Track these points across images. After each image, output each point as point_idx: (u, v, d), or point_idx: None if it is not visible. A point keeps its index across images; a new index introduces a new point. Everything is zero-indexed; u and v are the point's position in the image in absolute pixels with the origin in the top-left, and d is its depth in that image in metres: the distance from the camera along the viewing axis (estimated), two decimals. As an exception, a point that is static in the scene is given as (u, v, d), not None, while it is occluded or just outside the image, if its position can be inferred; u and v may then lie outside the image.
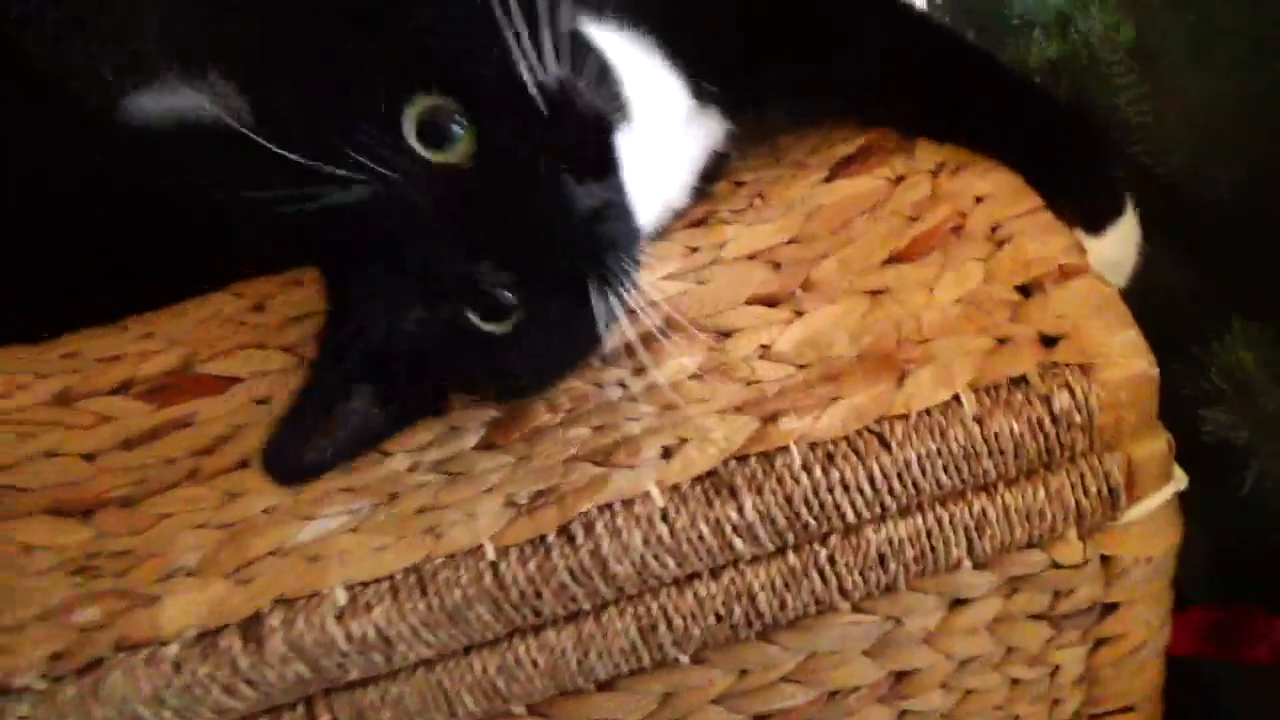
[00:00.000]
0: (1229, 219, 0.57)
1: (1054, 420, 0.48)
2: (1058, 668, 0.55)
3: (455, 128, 0.43)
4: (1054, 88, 0.74)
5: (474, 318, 0.46)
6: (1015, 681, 0.56)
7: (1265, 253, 0.55)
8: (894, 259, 0.55)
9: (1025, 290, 0.51)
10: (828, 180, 0.60)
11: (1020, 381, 0.48)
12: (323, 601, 0.47)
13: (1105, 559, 0.52)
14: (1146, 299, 0.59)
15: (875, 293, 0.53)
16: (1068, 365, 0.48)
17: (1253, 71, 0.51)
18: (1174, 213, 0.60)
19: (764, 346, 0.52)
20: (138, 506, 0.52)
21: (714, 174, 0.60)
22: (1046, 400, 0.47)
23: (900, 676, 0.54)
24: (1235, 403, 0.50)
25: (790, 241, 0.57)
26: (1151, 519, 0.51)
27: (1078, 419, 0.48)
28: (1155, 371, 0.48)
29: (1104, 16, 0.54)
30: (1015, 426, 0.47)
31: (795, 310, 0.53)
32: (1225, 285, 0.57)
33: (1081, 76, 0.60)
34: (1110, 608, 0.54)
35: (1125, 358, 0.48)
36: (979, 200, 0.56)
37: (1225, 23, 0.49)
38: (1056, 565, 0.52)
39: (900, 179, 0.58)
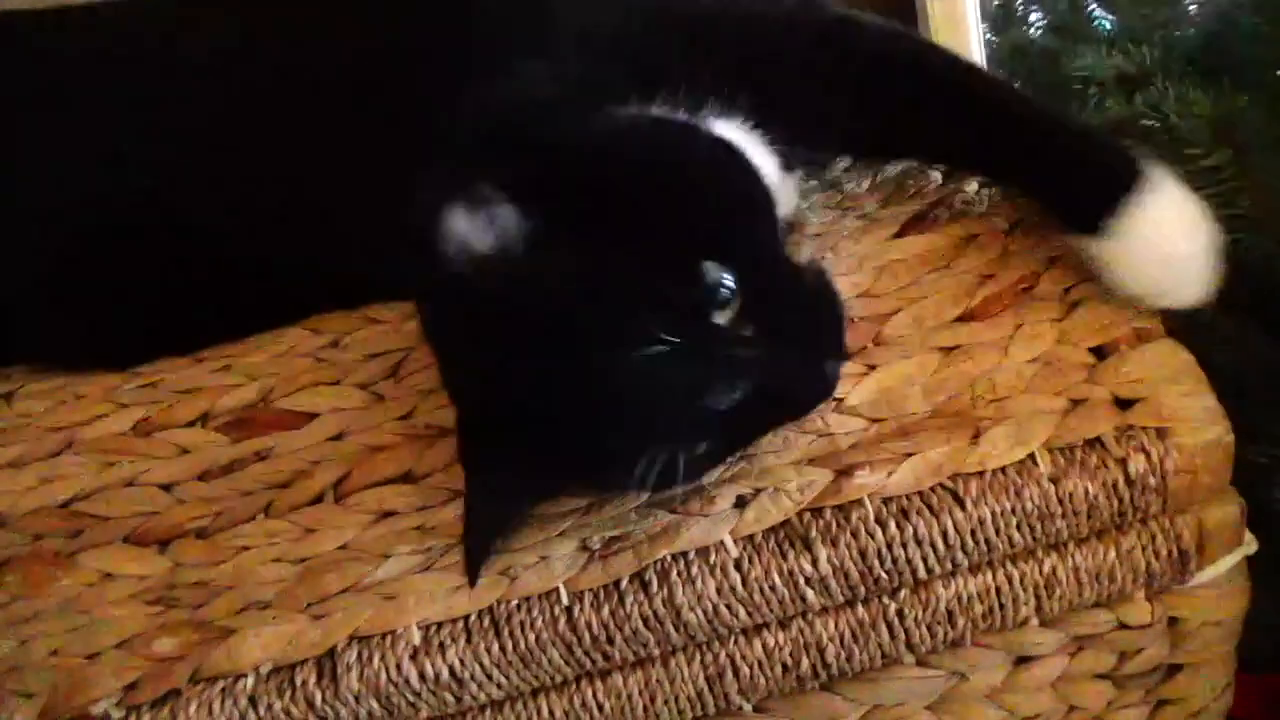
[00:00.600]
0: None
1: (1129, 483, 0.48)
2: (1120, 729, 0.55)
3: (726, 292, 0.45)
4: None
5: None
6: (1077, 742, 0.56)
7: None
8: (966, 317, 0.55)
9: (1099, 352, 0.52)
10: (899, 235, 0.60)
11: (1096, 443, 0.48)
12: (398, 640, 0.47)
13: (1172, 621, 0.52)
14: (1228, 373, 0.60)
15: (948, 349, 0.54)
16: (1144, 428, 0.48)
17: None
18: (1260, 292, 0.60)
19: (837, 400, 0.52)
20: (214, 538, 0.53)
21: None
22: (1122, 463, 0.48)
23: (964, 732, 0.54)
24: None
25: (862, 295, 0.57)
26: (1220, 582, 0.51)
27: (1152, 482, 0.48)
28: (1230, 438, 0.48)
29: (1176, 86, 0.55)
30: (1090, 488, 0.48)
31: (868, 364, 0.54)
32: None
33: (1153, 143, 0.61)
34: (1175, 669, 0.54)
35: (1201, 423, 0.48)
36: (1052, 261, 0.56)
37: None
38: (1123, 626, 0.52)
39: (973, 237, 0.59)
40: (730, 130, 0.54)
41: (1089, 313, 0.53)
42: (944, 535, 0.48)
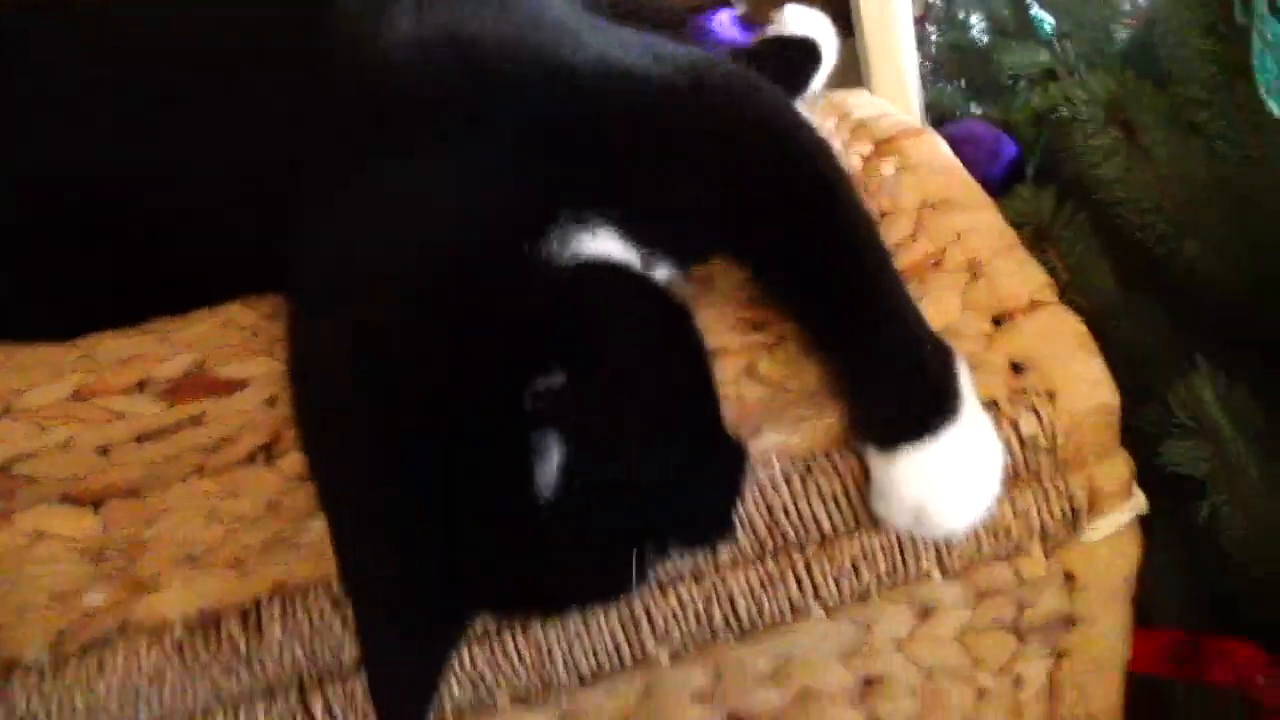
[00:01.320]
0: (1199, 277, 0.61)
1: (1021, 442, 0.51)
2: (1022, 679, 0.58)
3: None
4: (1035, 139, 0.78)
5: None
6: (982, 692, 0.58)
7: (1229, 309, 0.58)
8: (877, 286, 0.58)
9: (999, 321, 0.55)
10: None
11: (991, 405, 0.51)
12: (320, 591, 0.49)
13: (1068, 575, 0.55)
14: (1120, 344, 0.63)
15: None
16: (1035, 392, 0.51)
17: (1225, 148, 0.55)
18: (1149, 269, 0.63)
19: (749, 368, 0.55)
20: (146, 499, 0.54)
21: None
22: (1014, 423, 0.50)
23: (871, 681, 0.57)
24: (1194, 437, 0.53)
25: (777, 268, 0.60)
26: (1112, 538, 0.54)
27: (1043, 442, 0.51)
28: (1116, 401, 0.51)
29: (1084, 80, 0.58)
30: (991, 444, 0.50)
31: (779, 334, 0.56)
32: (1193, 335, 0.60)
33: (1061, 132, 0.64)
34: (1073, 621, 0.56)
35: (1090, 387, 0.51)
36: (958, 236, 0.59)
37: (1198, 97, 0.53)
38: (1021, 579, 0.54)
39: (885, 214, 0.62)
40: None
41: (990, 284, 0.56)
42: (846, 492, 0.50)
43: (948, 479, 0.48)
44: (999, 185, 0.76)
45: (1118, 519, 0.53)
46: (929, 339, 0.50)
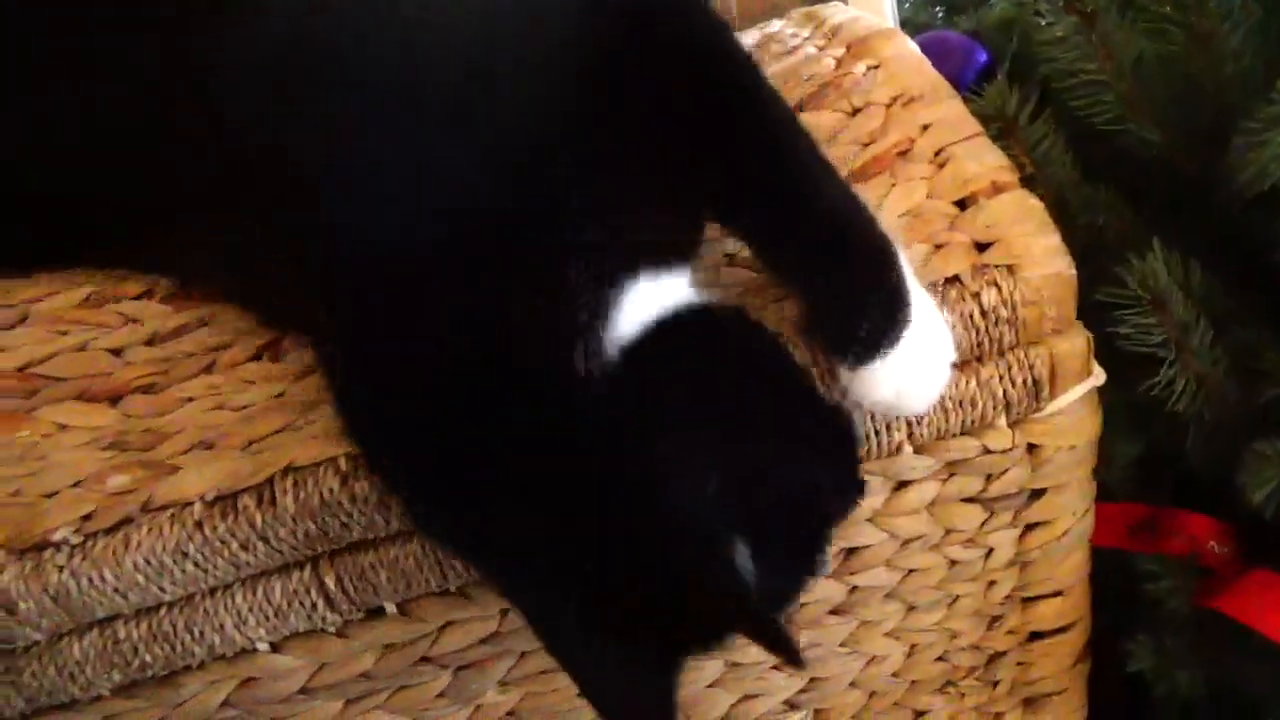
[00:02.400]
0: (1153, 159, 0.63)
1: (983, 314, 0.53)
2: (991, 550, 0.61)
3: None
4: (1005, 45, 0.80)
5: None
6: (953, 563, 0.62)
7: (1181, 188, 0.61)
8: (851, 178, 0.60)
9: (962, 204, 0.57)
10: (798, 112, 0.65)
11: (955, 280, 0.54)
12: (329, 466, 0.52)
13: (1032, 447, 0.58)
14: (1081, 230, 0.65)
15: (831, 208, 0.59)
16: (996, 266, 0.54)
17: (1172, 33, 0.57)
18: (1109, 157, 0.66)
19: (728, 256, 0.58)
20: (161, 393, 0.57)
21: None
22: (976, 296, 0.53)
23: (850, 553, 0.60)
24: (1149, 313, 0.56)
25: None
26: (1073, 410, 0.57)
27: (1004, 313, 0.53)
28: (1072, 272, 0.53)
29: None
30: (949, 320, 0.53)
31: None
32: (1150, 217, 0.63)
33: (1027, 33, 0.66)
34: (1037, 494, 0.60)
35: (1046, 259, 0.54)
36: (925, 128, 0.62)
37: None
38: (988, 451, 0.58)
39: (857, 110, 0.64)
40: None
41: (955, 170, 0.59)
42: (816, 364, 0.53)
43: (911, 374, 0.51)
44: (971, 91, 0.78)
45: (1077, 391, 0.56)
46: (875, 244, 0.50)
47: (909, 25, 0.98)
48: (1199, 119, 0.56)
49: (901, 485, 0.59)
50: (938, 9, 1.02)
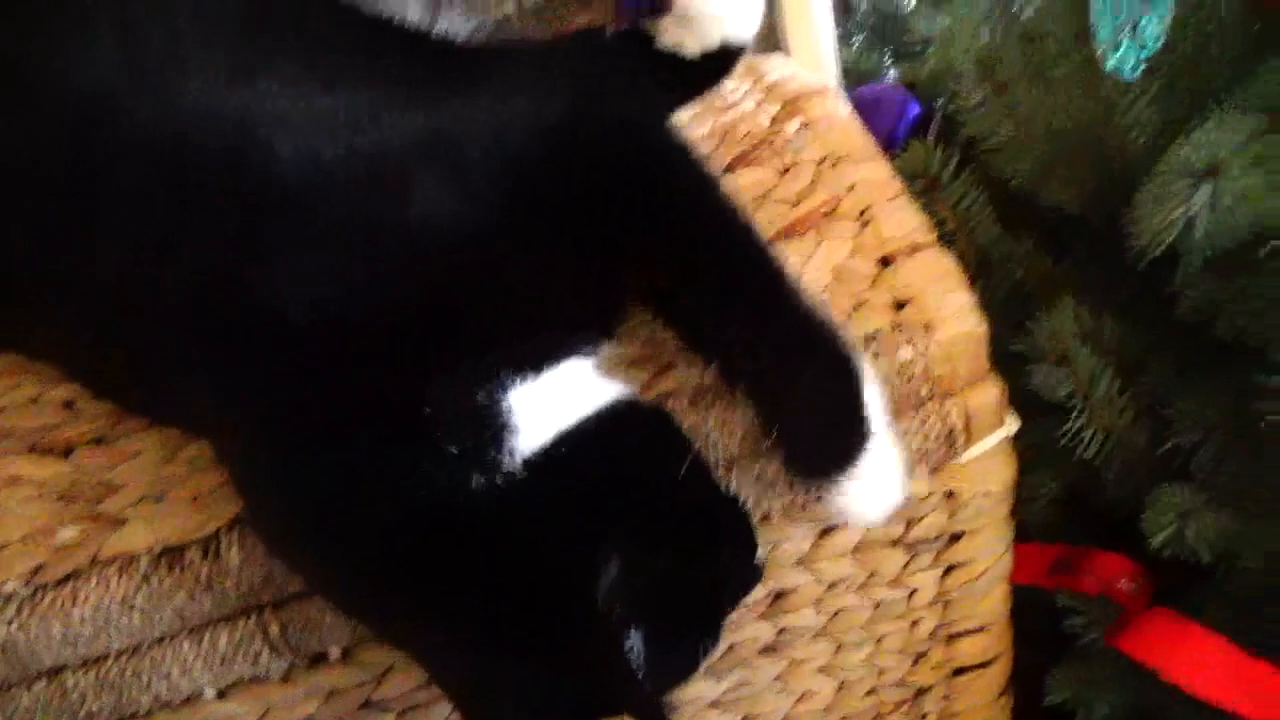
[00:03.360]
0: (1066, 217, 0.67)
1: (899, 371, 0.56)
2: (914, 591, 0.64)
3: None
4: (937, 98, 0.83)
5: None
6: (878, 603, 0.64)
7: (1094, 244, 0.64)
8: (780, 236, 0.63)
9: (884, 262, 0.60)
10: (729, 170, 0.68)
11: (873, 338, 0.57)
12: (274, 521, 0.54)
13: (950, 493, 0.61)
14: (1003, 281, 0.69)
15: (761, 265, 0.62)
16: (912, 324, 0.57)
17: (1080, 103, 0.61)
18: (1026, 212, 0.69)
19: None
20: (112, 445, 0.59)
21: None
22: (894, 354, 0.56)
23: (779, 595, 0.63)
24: (1056, 365, 0.60)
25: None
26: (988, 457, 0.60)
27: (919, 369, 0.56)
28: (984, 329, 0.56)
29: (963, 40, 0.63)
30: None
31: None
32: (1065, 269, 0.67)
33: (949, 91, 0.69)
34: (957, 537, 0.63)
35: (959, 317, 0.57)
36: (851, 188, 0.65)
37: (1059, 52, 0.58)
38: (908, 497, 0.60)
39: (788, 169, 0.67)
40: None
41: (877, 230, 0.62)
42: (743, 416, 0.56)
43: (869, 489, 0.51)
44: (905, 143, 0.81)
45: (991, 440, 0.59)
46: (840, 362, 0.50)
47: (853, 72, 1.01)
48: (1106, 181, 0.59)
49: (826, 531, 0.61)
50: (885, 56, 1.06)
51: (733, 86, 0.81)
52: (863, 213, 0.63)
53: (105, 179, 0.51)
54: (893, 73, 0.96)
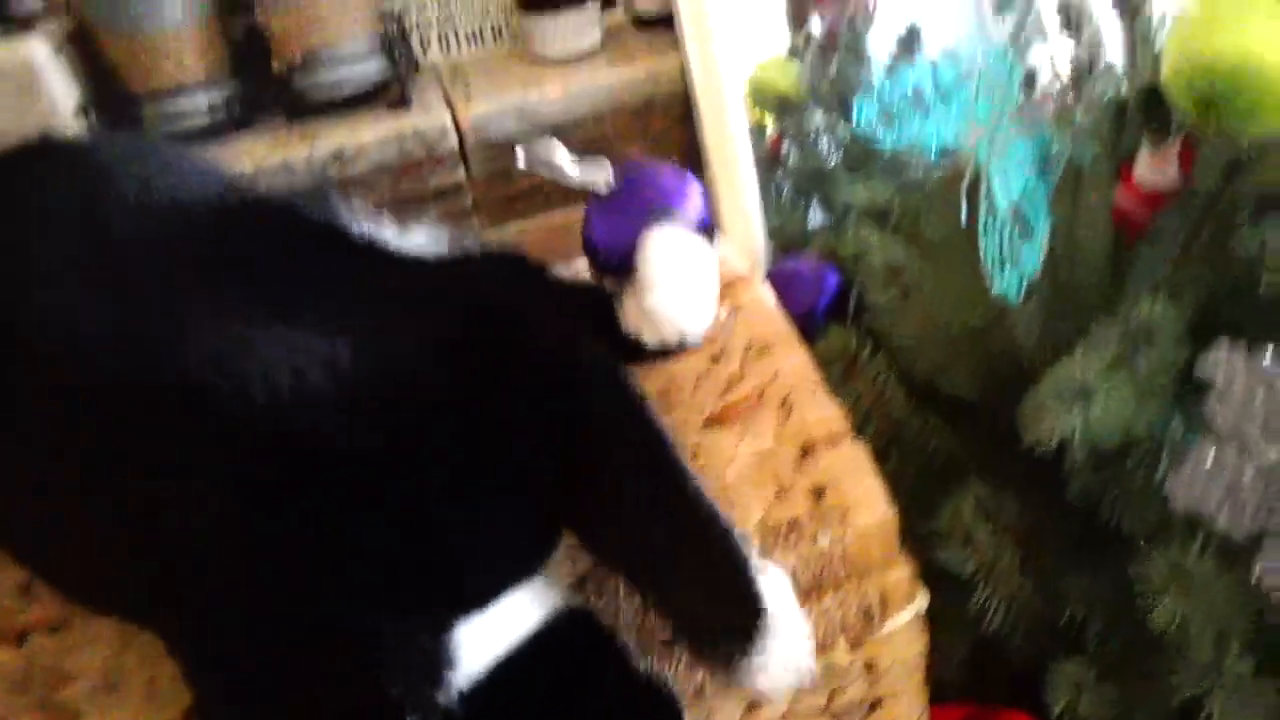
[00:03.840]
0: (965, 404, 0.73)
1: (819, 555, 0.61)
2: (839, 755, 0.68)
3: None
4: (855, 272, 0.90)
5: None
6: (806, 768, 0.68)
7: (992, 428, 0.71)
8: (710, 422, 0.69)
9: (804, 450, 0.66)
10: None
11: (795, 523, 0.62)
12: (228, 711, 0.56)
13: (868, 664, 0.65)
14: (912, 459, 0.75)
15: (694, 452, 0.67)
16: (830, 511, 0.62)
17: (976, 306, 0.68)
18: (934, 395, 0.76)
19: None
20: (67, 632, 0.61)
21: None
22: (813, 539, 0.61)
23: (710, 766, 0.66)
24: (960, 544, 0.65)
25: (629, 406, 0.70)
26: (903, 630, 0.65)
27: (837, 553, 0.61)
28: (893, 517, 0.62)
29: (871, 236, 0.70)
30: (792, 560, 0.61)
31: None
32: (970, 450, 0.73)
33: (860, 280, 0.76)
34: (877, 703, 0.67)
35: (872, 505, 0.62)
36: (775, 375, 0.71)
37: (954, 261, 0.65)
38: (831, 670, 0.65)
39: (718, 357, 0.73)
40: None
41: (799, 418, 0.67)
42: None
43: (773, 671, 0.52)
44: (823, 316, 0.88)
45: (904, 615, 0.64)
46: (731, 560, 0.51)
47: (780, 233, 1.09)
48: (1000, 379, 0.66)
49: (753, 705, 0.65)
50: (810, 211, 1.14)
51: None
52: (785, 401, 0.69)
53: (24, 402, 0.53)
54: (814, 244, 1.04)
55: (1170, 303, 0.59)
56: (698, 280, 0.64)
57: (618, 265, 0.66)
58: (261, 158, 0.96)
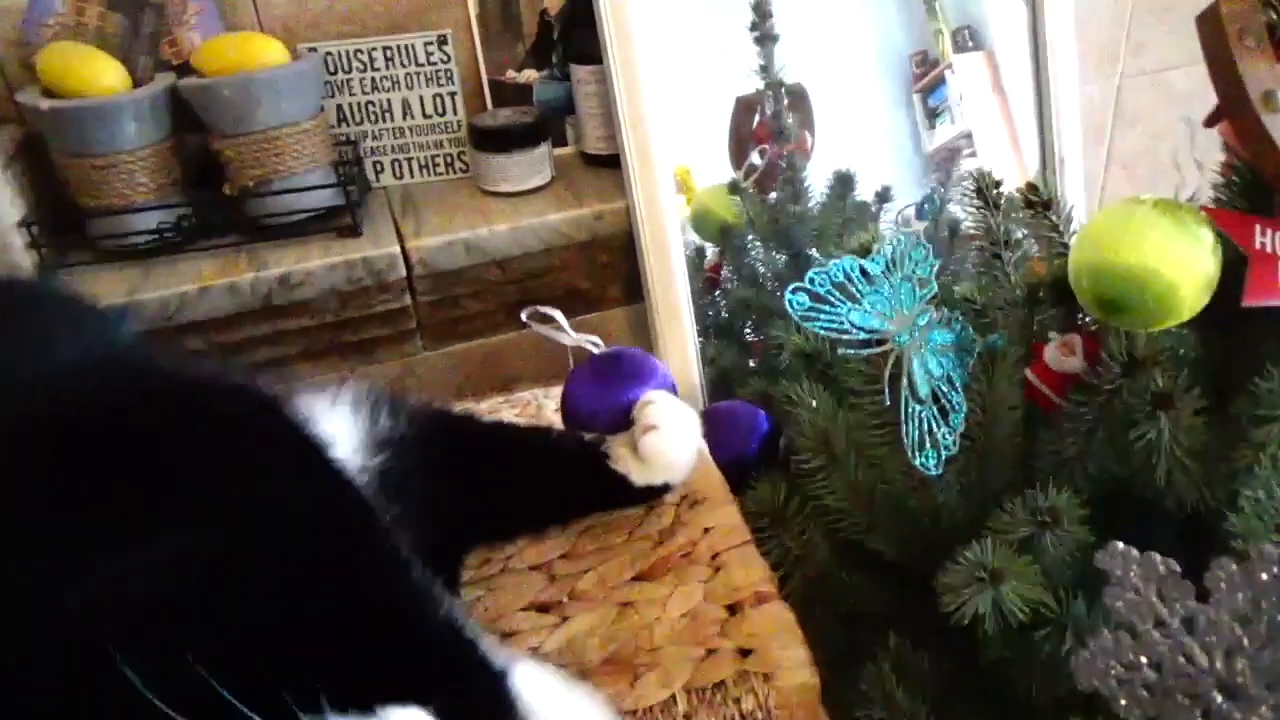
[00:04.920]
0: (887, 562, 0.76)
1: (743, 717, 0.63)
2: None
3: None
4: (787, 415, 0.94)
5: None
6: None
7: (913, 586, 0.74)
8: (640, 577, 0.71)
9: (732, 609, 0.68)
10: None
11: (721, 685, 0.64)
12: None
13: (791, 824, 0.67)
14: (837, 612, 0.77)
15: (624, 605, 0.69)
16: (755, 674, 0.64)
17: (897, 477, 0.71)
18: (855, 549, 0.79)
19: (533, 649, 0.66)
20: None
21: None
22: (738, 702, 0.63)
23: None
24: (879, 704, 0.68)
25: (562, 557, 0.72)
26: (826, 787, 0.67)
27: (760, 716, 0.63)
28: (816, 681, 0.64)
29: (802, 396, 0.74)
30: (716, 721, 0.63)
31: (561, 616, 0.68)
32: (892, 603, 0.76)
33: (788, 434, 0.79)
34: None
35: (795, 669, 0.64)
36: (706, 531, 0.73)
37: (880, 440, 0.69)
38: (752, 828, 0.66)
39: (653, 507, 0.75)
40: None
41: (728, 576, 0.70)
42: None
43: None
44: (755, 458, 0.91)
45: (825, 772, 0.66)
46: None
47: (715, 364, 1.13)
48: (926, 538, 0.70)
49: None
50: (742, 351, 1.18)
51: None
52: (715, 557, 0.71)
53: None
54: (747, 383, 1.07)
55: (1073, 489, 0.63)
56: (687, 429, 0.75)
57: (603, 425, 0.76)
58: (209, 278, 0.97)
